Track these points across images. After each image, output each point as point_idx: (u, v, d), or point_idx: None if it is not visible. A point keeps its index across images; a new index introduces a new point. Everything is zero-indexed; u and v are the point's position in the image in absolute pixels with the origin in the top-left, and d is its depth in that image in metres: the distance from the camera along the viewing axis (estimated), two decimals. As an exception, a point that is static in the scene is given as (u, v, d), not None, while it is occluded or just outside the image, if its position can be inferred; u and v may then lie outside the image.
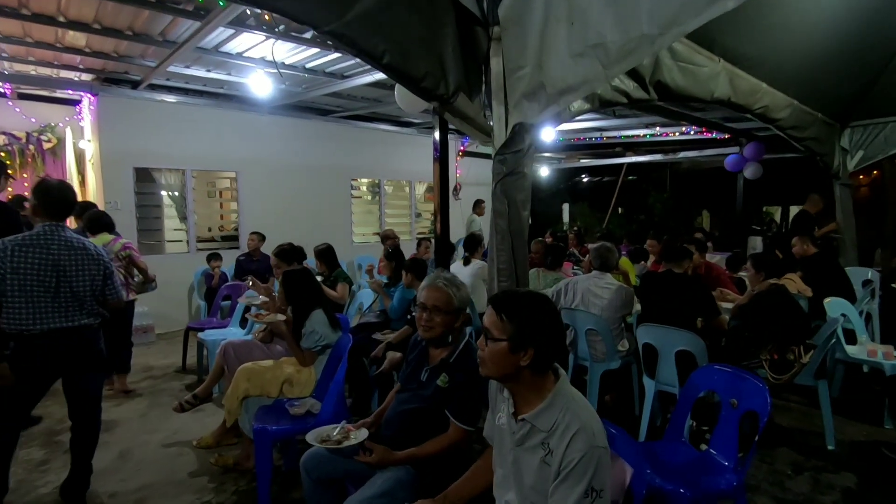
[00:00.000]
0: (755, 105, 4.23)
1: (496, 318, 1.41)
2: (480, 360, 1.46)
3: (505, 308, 1.42)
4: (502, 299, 1.46)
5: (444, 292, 1.97)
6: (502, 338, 1.39)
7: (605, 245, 3.66)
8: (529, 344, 1.39)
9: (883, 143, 6.10)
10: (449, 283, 1.98)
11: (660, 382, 3.19)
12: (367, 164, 8.27)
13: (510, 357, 1.39)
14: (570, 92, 1.84)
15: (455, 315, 1.98)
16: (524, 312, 1.41)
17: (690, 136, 7.59)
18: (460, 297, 1.99)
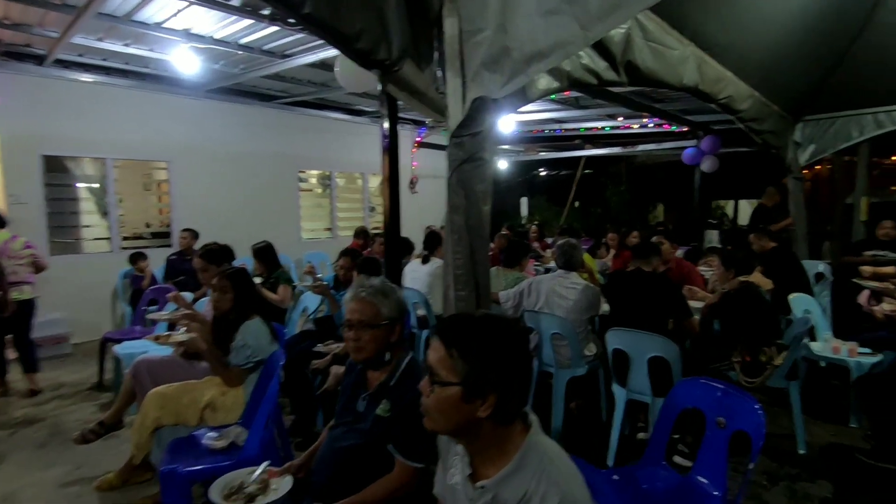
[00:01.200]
0: (720, 94, 4.07)
1: (444, 353, 1.05)
2: (424, 410, 1.09)
3: (456, 340, 1.05)
4: (452, 327, 1.09)
5: (367, 303, 1.60)
6: (452, 381, 1.03)
7: (570, 242, 3.38)
8: (490, 388, 1.03)
9: (833, 137, 6.17)
10: (374, 292, 1.61)
11: (631, 391, 2.94)
12: (316, 154, 7.73)
13: (463, 406, 1.04)
14: (540, 58, 1.51)
15: (387, 329, 1.61)
16: (483, 345, 1.04)
17: (649, 129, 7.52)
18: (391, 305, 1.62)
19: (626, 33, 2.64)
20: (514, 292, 3.48)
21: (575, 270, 3.36)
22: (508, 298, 3.49)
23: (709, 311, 3.39)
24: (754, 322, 3.17)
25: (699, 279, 4.08)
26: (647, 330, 2.89)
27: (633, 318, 3.02)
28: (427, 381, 1.08)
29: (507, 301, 3.50)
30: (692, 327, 3.07)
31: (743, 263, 3.36)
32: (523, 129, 8.48)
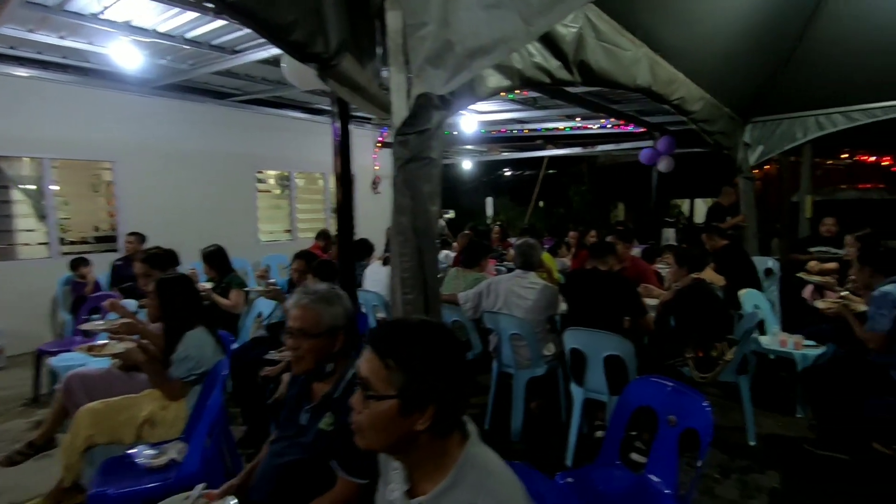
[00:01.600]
0: (673, 95, 4.16)
1: (379, 364, 0.99)
2: (356, 427, 1.02)
3: (392, 349, 0.99)
4: (386, 336, 1.03)
5: (308, 311, 1.52)
6: (389, 394, 0.97)
7: (528, 242, 3.37)
8: (429, 399, 0.98)
9: (779, 138, 6.44)
10: (316, 299, 1.53)
11: (588, 390, 2.95)
12: (274, 154, 7.51)
13: (401, 421, 0.98)
14: (483, 53, 1.47)
15: (328, 337, 1.53)
16: (421, 353, 0.99)
17: (608, 130, 7.65)
18: (335, 312, 1.54)
19: (577, 33, 2.63)
20: (474, 293, 3.44)
21: (533, 270, 3.35)
22: (468, 300, 3.45)
23: (663, 309, 3.44)
24: (706, 318, 3.24)
25: (654, 277, 4.16)
26: (603, 328, 2.90)
27: (589, 317, 3.03)
28: (359, 396, 1.01)
29: (466, 302, 3.46)
30: (647, 325, 3.11)
31: (696, 261, 3.43)
32: (486, 129, 8.48)
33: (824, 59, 5.20)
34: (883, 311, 2.78)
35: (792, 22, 4.73)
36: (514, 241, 7.51)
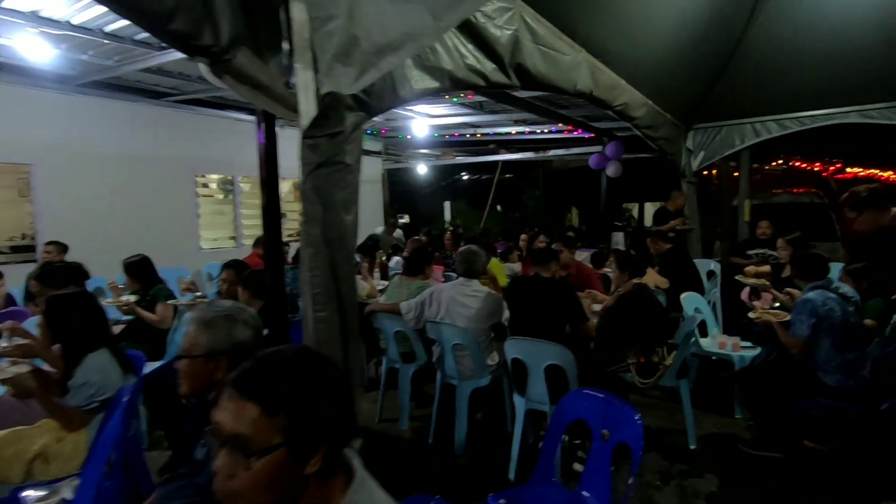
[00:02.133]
0: (615, 101, 4.19)
1: (257, 412, 0.82)
2: (229, 495, 0.83)
3: (268, 388, 0.84)
4: (256, 375, 0.86)
5: (189, 331, 1.37)
6: (274, 443, 0.81)
7: (470, 249, 3.28)
8: (320, 437, 0.84)
9: (719, 144, 6.67)
10: (198, 320, 1.38)
11: (530, 400, 2.88)
12: (216, 157, 7.14)
13: (290, 471, 0.83)
14: (391, 50, 1.36)
15: (205, 362, 1.38)
16: (301, 385, 0.85)
17: (558, 135, 7.73)
18: (216, 336, 1.39)
19: (513, 35, 2.57)
20: (416, 302, 3.32)
21: (476, 278, 3.26)
22: (410, 309, 3.33)
23: (606, 315, 3.42)
24: (648, 323, 3.24)
25: (598, 283, 4.17)
26: (544, 336, 2.84)
27: (530, 326, 2.97)
28: (231, 459, 0.82)
29: (408, 312, 3.33)
30: (588, 332, 3.07)
31: (637, 265, 3.43)
32: (439, 133, 8.41)
33: (757, 70, 5.42)
34: (802, 318, 2.86)
35: (726, 34, 4.89)
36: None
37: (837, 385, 2.79)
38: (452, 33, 2.18)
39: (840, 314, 2.79)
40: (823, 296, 2.85)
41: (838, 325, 2.78)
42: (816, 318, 2.81)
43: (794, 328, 2.90)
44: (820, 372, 2.86)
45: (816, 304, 2.82)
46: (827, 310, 2.79)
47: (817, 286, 2.91)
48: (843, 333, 2.78)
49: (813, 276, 2.97)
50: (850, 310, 2.84)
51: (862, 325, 2.87)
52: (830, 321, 2.78)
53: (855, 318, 2.84)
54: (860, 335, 2.84)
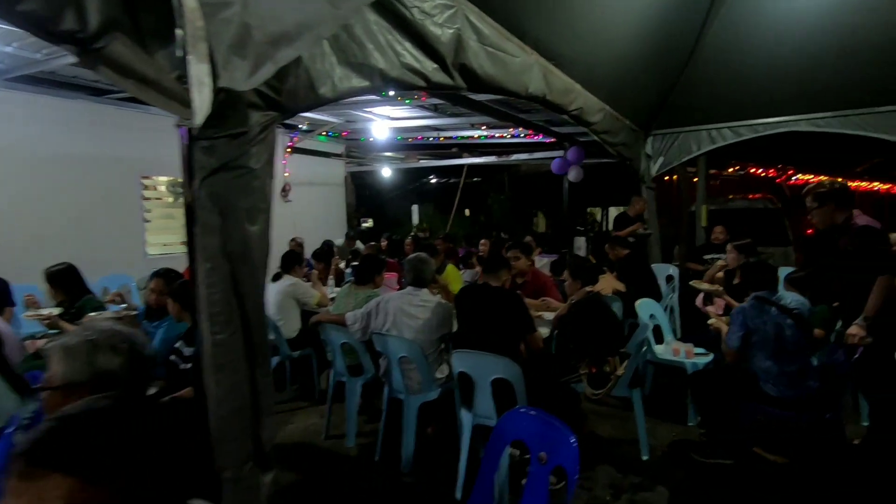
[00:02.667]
0: (571, 106, 4.14)
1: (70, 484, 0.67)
2: None
3: (87, 457, 0.69)
4: (59, 444, 0.69)
5: (49, 360, 1.20)
6: None
7: (419, 257, 3.15)
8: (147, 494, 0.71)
9: (678, 150, 6.75)
10: (59, 345, 1.21)
11: (478, 415, 2.76)
12: (164, 158, 6.78)
13: None
14: (287, 42, 1.22)
15: (64, 394, 1.20)
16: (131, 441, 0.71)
17: (521, 140, 7.70)
18: (73, 365, 1.21)
19: (455, 34, 2.46)
20: (362, 313, 3.16)
21: (425, 286, 3.13)
22: (356, 320, 3.17)
23: (558, 323, 3.35)
24: (599, 332, 3.18)
25: (555, 290, 4.10)
26: (492, 348, 2.74)
27: (478, 337, 2.85)
28: None
29: (354, 323, 3.17)
30: (535, 343, 2.97)
31: (590, 272, 3.37)
32: (402, 135, 8.27)
33: (712, 78, 5.49)
34: (734, 328, 2.86)
35: (681, 41, 4.93)
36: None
37: (779, 395, 2.78)
38: (385, 29, 2.04)
39: (772, 327, 2.77)
40: (758, 307, 2.83)
41: (770, 339, 2.77)
42: (745, 329, 2.82)
43: (727, 337, 2.91)
44: (761, 382, 2.84)
45: (747, 315, 2.82)
46: (758, 322, 2.79)
47: (758, 296, 2.88)
48: (776, 347, 2.76)
49: (758, 286, 2.95)
50: (787, 322, 2.78)
51: (803, 336, 2.81)
52: (761, 334, 2.78)
53: (793, 330, 2.77)
54: (798, 348, 2.78)
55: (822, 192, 2.98)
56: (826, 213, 2.98)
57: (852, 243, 2.83)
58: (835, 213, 2.96)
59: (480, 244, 6.54)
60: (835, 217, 2.96)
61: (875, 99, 5.17)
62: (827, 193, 2.97)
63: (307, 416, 3.90)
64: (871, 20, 4.18)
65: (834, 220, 2.97)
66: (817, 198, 2.98)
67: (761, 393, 2.84)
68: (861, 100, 5.26)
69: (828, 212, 2.97)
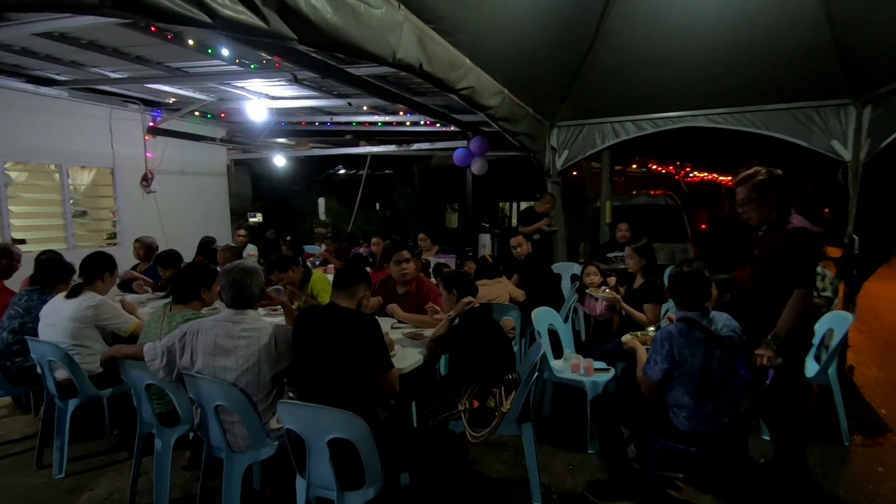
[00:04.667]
0: (459, 83, 3.52)
1: None
2: None
3: None
4: None
5: None
6: None
7: (242, 267, 2.34)
8: None
9: (582, 143, 6.44)
10: None
11: (314, 485, 2.04)
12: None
13: None
14: None
15: None
16: None
17: (423, 128, 7.06)
18: None
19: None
20: (163, 346, 2.30)
21: (250, 308, 2.33)
22: (155, 356, 2.30)
23: (435, 345, 2.72)
24: (484, 356, 2.59)
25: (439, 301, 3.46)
26: (335, 394, 2.04)
27: (314, 379, 2.14)
28: None
29: (153, 359, 2.31)
30: (389, 385, 2.28)
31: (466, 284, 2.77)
32: (287, 119, 7.29)
33: (615, 69, 5.17)
34: (656, 359, 2.35)
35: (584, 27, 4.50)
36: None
37: (690, 431, 2.35)
38: None
39: (699, 359, 2.29)
40: (688, 334, 2.31)
41: (695, 373, 2.30)
42: (670, 362, 2.31)
43: (647, 367, 2.40)
44: (671, 413, 2.40)
45: (675, 344, 2.30)
46: (686, 353, 2.29)
47: (689, 320, 2.34)
48: (700, 382, 2.31)
49: (687, 303, 2.39)
50: (716, 353, 2.30)
51: (732, 369, 2.35)
52: (687, 368, 2.30)
53: (720, 363, 2.32)
54: (722, 382, 2.34)
55: (762, 180, 2.43)
56: (767, 207, 2.44)
57: (786, 246, 2.38)
58: (774, 207, 2.45)
59: (372, 242, 5.81)
60: (771, 212, 2.45)
61: (765, 97, 5.15)
62: (768, 182, 2.42)
63: (118, 476, 2.96)
64: (764, 21, 4.05)
65: (770, 215, 2.46)
66: (757, 187, 2.43)
67: (670, 427, 2.40)
68: (752, 97, 5.22)
69: (769, 204, 2.44)
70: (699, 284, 2.37)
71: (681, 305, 2.43)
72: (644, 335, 2.94)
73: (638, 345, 2.67)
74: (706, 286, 2.39)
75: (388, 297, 3.48)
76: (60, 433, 3.01)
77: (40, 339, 2.97)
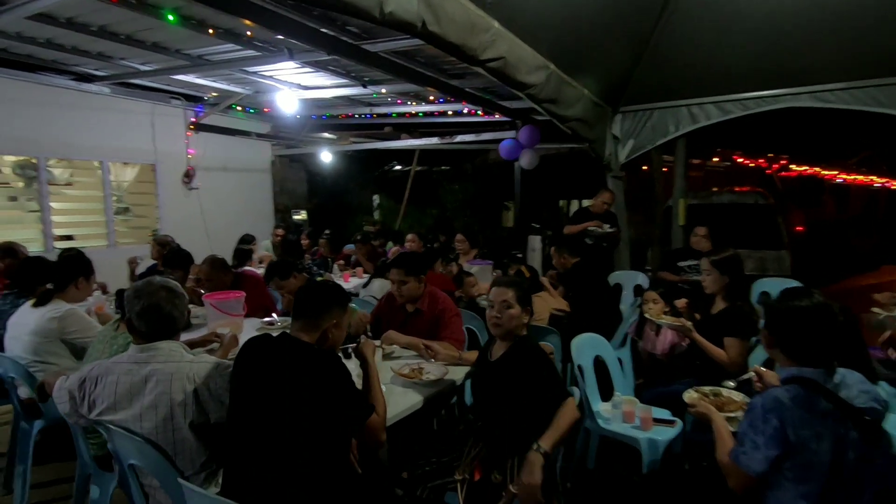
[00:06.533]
0: (483, 51, 2.83)
1: None
2: None
3: None
4: None
5: None
6: None
7: (165, 285, 1.80)
8: None
9: (651, 132, 5.49)
10: None
11: None
12: (7, 132, 5.35)
13: None
14: None
15: None
16: None
17: (467, 118, 6.39)
18: None
19: None
20: (73, 382, 1.81)
21: (169, 338, 1.79)
22: (62, 397, 1.80)
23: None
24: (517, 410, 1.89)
25: (458, 323, 2.79)
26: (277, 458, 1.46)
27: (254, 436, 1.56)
28: None
29: (60, 401, 1.82)
30: (372, 436, 1.66)
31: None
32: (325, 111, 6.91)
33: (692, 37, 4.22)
34: (756, 439, 1.51)
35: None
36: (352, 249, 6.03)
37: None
38: None
39: (828, 448, 1.46)
40: (806, 406, 1.48)
41: (821, 468, 1.47)
42: (781, 448, 1.48)
43: (739, 451, 1.56)
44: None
45: (787, 419, 1.47)
46: (806, 436, 1.46)
47: (806, 380, 1.52)
48: (828, 481, 1.47)
49: (802, 357, 1.56)
50: (851, 435, 1.47)
51: (874, 459, 1.49)
52: (807, 457, 1.47)
53: (859, 449, 1.48)
54: (861, 481, 1.49)
55: None
56: None
57: None
58: None
59: (407, 239, 5.25)
60: None
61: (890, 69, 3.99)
62: None
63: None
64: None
65: None
66: None
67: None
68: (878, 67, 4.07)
69: None
70: (828, 327, 1.54)
71: (794, 357, 1.59)
72: (716, 394, 2.10)
73: (712, 411, 1.84)
74: (837, 330, 1.55)
75: (395, 316, 2.88)
76: (23, 458, 2.68)
77: (3, 354, 2.66)
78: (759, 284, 4.66)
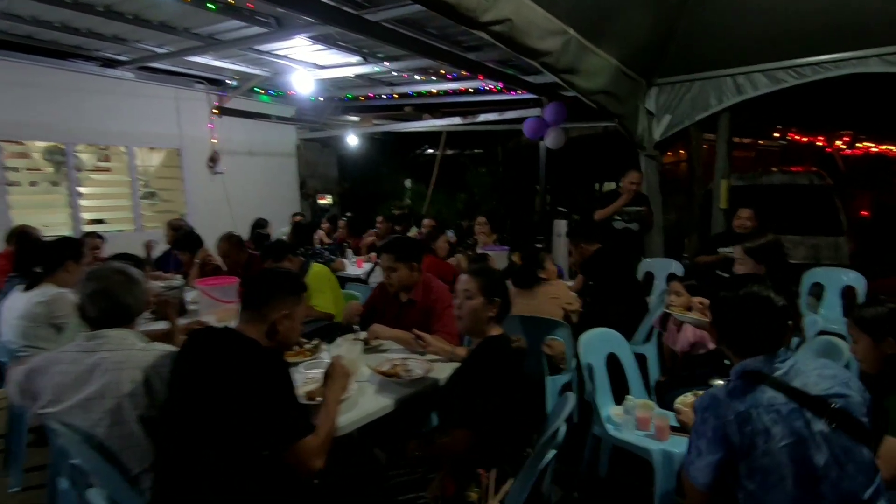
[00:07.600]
0: (485, 14, 2.53)
1: None
2: None
3: None
4: None
5: None
6: None
7: (121, 269, 1.65)
8: None
9: (689, 106, 5.00)
10: None
11: None
12: (36, 119, 5.48)
13: None
14: None
15: None
16: None
17: (489, 96, 6.06)
18: None
19: None
20: (24, 372, 1.70)
21: (124, 325, 1.65)
22: (13, 390, 1.72)
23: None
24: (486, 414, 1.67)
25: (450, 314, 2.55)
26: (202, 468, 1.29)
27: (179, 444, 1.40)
28: None
29: (13, 392, 1.73)
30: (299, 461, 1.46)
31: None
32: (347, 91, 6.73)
33: None
34: (699, 445, 1.30)
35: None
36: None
37: None
38: None
39: (786, 450, 1.20)
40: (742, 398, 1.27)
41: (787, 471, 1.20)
42: (723, 450, 1.26)
43: (688, 462, 1.36)
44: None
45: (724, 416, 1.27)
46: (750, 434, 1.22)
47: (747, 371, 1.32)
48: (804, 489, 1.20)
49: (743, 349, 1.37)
50: (819, 429, 1.21)
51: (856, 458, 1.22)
52: (759, 461, 1.22)
53: (843, 446, 1.21)
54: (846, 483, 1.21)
55: None
56: None
57: None
58: None
59: (423, 224, 5.04)
60: None
61: None
62: None
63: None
64: None
65: None
66: None
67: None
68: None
69: None
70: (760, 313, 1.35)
71: (737, 351, 1.39)
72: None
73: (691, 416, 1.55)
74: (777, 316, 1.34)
75: (389, 306, 2.67)
76: (18, 441, 2.69)
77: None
78: (810, 275, 4.17)
